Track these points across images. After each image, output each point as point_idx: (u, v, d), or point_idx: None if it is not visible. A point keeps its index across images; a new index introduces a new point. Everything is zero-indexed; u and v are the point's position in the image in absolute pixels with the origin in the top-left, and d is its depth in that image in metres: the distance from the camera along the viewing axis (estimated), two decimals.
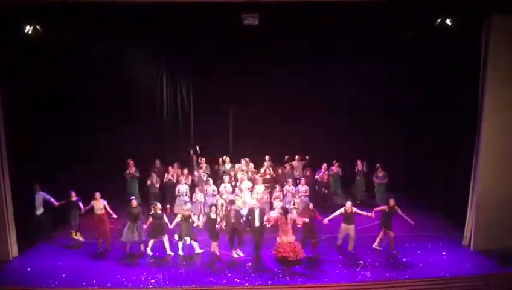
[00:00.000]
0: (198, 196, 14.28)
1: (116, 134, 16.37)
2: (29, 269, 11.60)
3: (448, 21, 12.47)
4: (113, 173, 15.90)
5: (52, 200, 13.27)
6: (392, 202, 12.37)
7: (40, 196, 13.28)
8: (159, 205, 12.42)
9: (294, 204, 14.02)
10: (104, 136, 16.20)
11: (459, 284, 10.85)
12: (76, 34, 13.96)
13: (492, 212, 12.20)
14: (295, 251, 11.43)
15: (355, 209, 12.30)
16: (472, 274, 11.20)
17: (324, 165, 15.98)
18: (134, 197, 12.89)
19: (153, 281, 10.99)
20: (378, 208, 12.62)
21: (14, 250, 12.35)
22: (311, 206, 12.44)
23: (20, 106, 12.81)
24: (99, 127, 16.10)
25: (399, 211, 12.31)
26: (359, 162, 16.31)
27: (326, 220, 12.28)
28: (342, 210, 12.28)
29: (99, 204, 12.64)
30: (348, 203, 12.37)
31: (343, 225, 12.33)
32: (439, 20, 12.61)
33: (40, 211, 13.31)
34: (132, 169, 15.64)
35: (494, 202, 12.20)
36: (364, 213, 12.36)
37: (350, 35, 14.92)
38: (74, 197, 12.98)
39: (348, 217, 12.26)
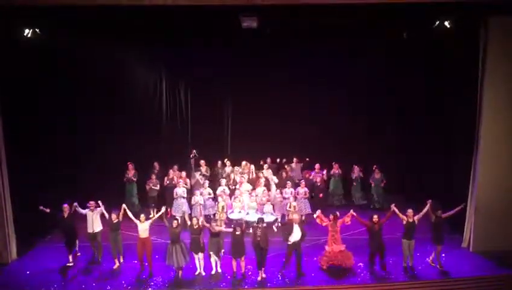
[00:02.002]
0: (197, 198, 14.25)
1: (113, 138, 16.38)
2: (28, 272, 11.60)
3: (446, 23, 12.48)
4: (112, 176, 15.86)
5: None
6: (440, 212, 11.44)
7: (97, 211, 11.97)
8: (194, 220, 11.57)
9: (290, 207, 14.01)
10: (103, 139, 16.20)
11: (458, 286, 10.89)
12: (75, 38, 13.98)
13: (491, 214, 12.22)
14: (348, 258, 11.30)
15: (417, 217, 11.33)
16: (471, 276, 11.20)
17: (317, 166, 15.92)
18: (177, 217, 11.80)
19: (151, 283, 10.99)
20: (424, 210, 11.47)
21: (13, 253, 12.35)
22: (375, 218, 11.33)
23: (19, 107, 12.78)
24: (98, 130, 16.11)
25: (443, 215, 11.54)
26: (355, 167, 16.22)
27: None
28: (404, 217, 11.35)
29: (145, 225, 11.49)
30: (409, 211, 11.40)
31: (404, 241, 11.42)
32: (437, 23, 12.61)
33: (98, 228, 12.01)
34: (131, 172, 15.59)
35: (493, 203, 12.23)
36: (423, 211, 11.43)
37: (348, 37, 14.94)
38: (115, 219, 11.66)
39: (409, 230, 11.35)
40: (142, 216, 11.60)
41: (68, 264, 11.92)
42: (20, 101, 12.89)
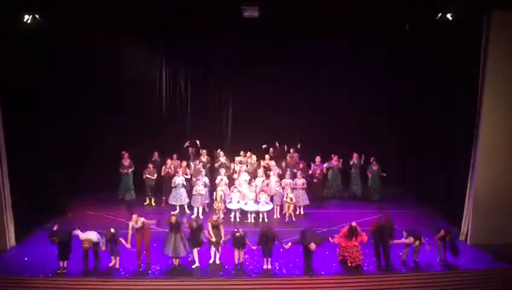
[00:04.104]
0: (199, 188, 14.27)
1: (114, 128, 16.44)
2: (26, 259, 11.60)
3: (449, 15, 12.41)
4: (109, 165, 15.92)
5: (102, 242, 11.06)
6: (442, 232, 11.21)
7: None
8: (194, 224, 11.20)
9: (287, 197, 14.05)
10: (101, 130, 16.30)
11: (456, 278, 10.89)
12: (74, 30, 13.96)
13: (490, 207, 12.23)
14: (360, 254, 11.06)
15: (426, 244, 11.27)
16: (469, 269, 11.22)
17: (318, 158, 15.89)
18: (173, 212, 11.55)
19: (149, 272, 11.01)
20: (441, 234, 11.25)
21: (11, 239, 12.34)
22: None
23: (18, 99, 12.64)
24: (97, 121, 16.22)
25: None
26: (355, 155, 16.20)
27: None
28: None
29: (139, 223, 11.06)
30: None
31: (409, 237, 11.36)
32: (439, 15, 12.55)
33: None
34: (126, 161, 15.55)
35: (491, 196, 12.23)
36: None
37: (350, 31, 14.91)
38: (111, 235, 10.92)
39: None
40: (134, 217, 11.10)
41: (58, 271, 10.92)
42: (20, 91, 12.75)
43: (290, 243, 10.97)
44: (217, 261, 11.40)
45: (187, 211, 14.66)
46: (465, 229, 12.75)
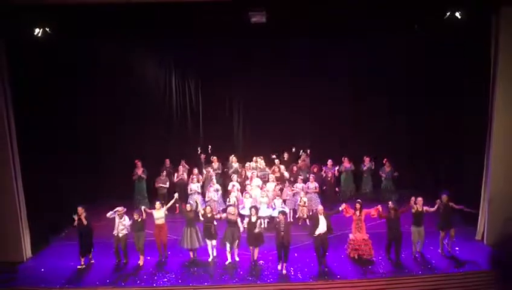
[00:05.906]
0: (211, 195, 14.29)
1: (125, 135, 16.47)
2: (43, 270, 11.70)
3: (457, 14, 12.33)
4: (122, 174, 15.97)
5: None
6: (445, 197, 11.69)
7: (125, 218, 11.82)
8: (208, 209, 11.95)
9: (301, 201, 14.02)
10: (113, 137, 16.32)
11: (472, 279, 10.80)
12: (83, 36, 13.98)
13: (505, 207, 12.07)
14: (369, 249, 11.37)
15: (426, 208, 11.56)
16: (486, 269, 11.12)
17: (329, 162, 15.85)
18: (191, 202, 12.27)
19: (165, 280, 11.05)
20: (436, 206, 11.70)
21: (28, 251, 12.45)
22: (390, 205, 11.62)
23: (30, 106, 12.75)
24: (108, 129, 16.22)
25: (454, 205, 11.74)
26: (366, 159, 16.14)
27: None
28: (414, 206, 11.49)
29: (160, 212, 11.88)
30: (419, 199, 11.56)
31: (413, 228, 11.64)
32: (448, 14, 12.47)
33: (123, 231, 11.80)
34: (139, 170, 15.59)
35: (506, 196, 12.07)
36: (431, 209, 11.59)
37: (356, 30, 14.83)
38: (138, 218, 11.77)
39: (417, 217, 11.56)
40: (158, 204, 11.96)
41: (79, 266, 11.77)
42: (32, 100, 12.90)
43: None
44: (236, 259, 11.71)
45: (201, 217, 14.67)
46: (481, 229, 12.63)
